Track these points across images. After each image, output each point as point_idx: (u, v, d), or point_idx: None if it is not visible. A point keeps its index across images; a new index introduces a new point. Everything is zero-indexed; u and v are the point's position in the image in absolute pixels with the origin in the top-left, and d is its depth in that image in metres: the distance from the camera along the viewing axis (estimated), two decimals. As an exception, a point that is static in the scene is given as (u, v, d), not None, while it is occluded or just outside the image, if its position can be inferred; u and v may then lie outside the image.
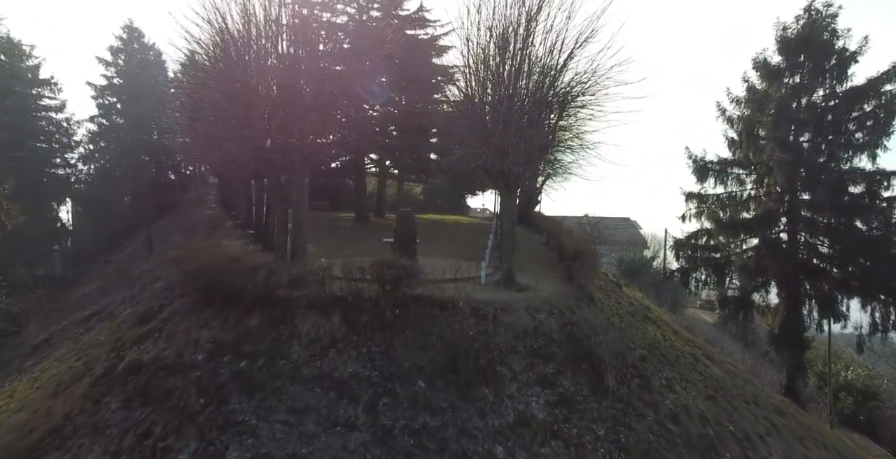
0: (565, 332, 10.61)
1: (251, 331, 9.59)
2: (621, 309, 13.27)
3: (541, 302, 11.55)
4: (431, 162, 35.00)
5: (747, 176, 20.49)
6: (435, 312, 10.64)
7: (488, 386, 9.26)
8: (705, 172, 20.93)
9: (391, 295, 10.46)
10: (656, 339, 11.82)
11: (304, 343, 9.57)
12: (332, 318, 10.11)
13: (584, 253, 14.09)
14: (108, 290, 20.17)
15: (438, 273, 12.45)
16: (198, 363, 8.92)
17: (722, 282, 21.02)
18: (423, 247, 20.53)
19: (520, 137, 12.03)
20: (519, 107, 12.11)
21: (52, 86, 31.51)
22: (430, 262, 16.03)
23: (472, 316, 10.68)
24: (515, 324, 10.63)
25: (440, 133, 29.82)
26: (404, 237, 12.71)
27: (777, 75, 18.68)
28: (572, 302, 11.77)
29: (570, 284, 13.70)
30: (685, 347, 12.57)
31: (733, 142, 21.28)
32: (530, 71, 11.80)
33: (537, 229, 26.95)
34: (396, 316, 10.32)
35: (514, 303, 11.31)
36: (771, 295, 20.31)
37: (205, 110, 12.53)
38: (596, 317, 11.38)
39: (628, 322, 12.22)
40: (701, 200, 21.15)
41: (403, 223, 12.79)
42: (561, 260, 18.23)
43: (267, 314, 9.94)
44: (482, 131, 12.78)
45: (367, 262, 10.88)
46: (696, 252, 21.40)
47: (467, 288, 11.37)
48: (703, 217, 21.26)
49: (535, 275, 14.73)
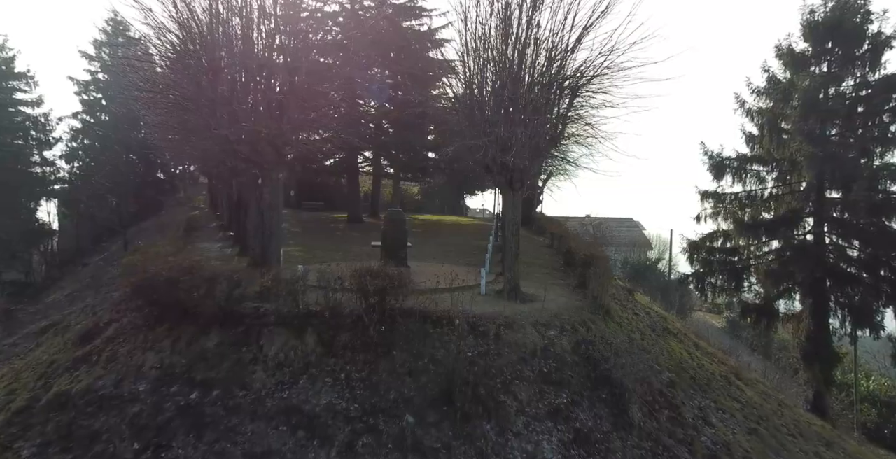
0: (580, 353, 9.07)
1: (207, 354, 8.04)
2: (640, 322, 11.73)
3: (550, 315, 10.01)
4: (429, 160, 33.50)
5: (768, 173, 19.00)
6: (427, 329, 9.10)
7: (490, 421, 7.72)
8: (722, 169, 19.43)
9: (376, 309, 8.91)
10: (683, 359, 10.29)
11: (270, 368, 8.01)
12: (305, 338, 8.56)
13: (597, 258, 12.55)
14: (77, 297, 18.62)
15: (432, 281, 10.93)
16: (138, 394, 7.37)
17: (740, 288, 19.50)
18: (418, 251, 18.99)
19: (525, 127, 10.50)
20: (525, 92, 10.58)
21: (28, 80, 29.89)
22: (424, 268, 14.48)
23: (471, 334, 9.14)
24: (521, 344, 9.09)
25: (438, 128, 28.34)
26: (393, 240, 11.17)
27: (803, 63, 17.18)
28: (586, 315, 10.23)
29: (582, 294, 12.17)
30: (713, 366, 11.04)
31: (752, 137, 19.78)
32: (537, 50, 10.27)
33: (540, 231, 25.46)
34: (381, 335, 8.78)
35: (519, 318, 9.77)
36: (794, 302, 18.82)
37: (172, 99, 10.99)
38: (614, 334, 9.84)
39: (650, 338, 10.69)
40: (718, 199, 19.65)
41: (393, 225, 11.24)
42: (567, 265, 16.70)
43: (227, 333, 8.39)
44: (482, 120, 11.25)
45: (348, 270, 9.34)
46: (713, 255, 19.89)
47: (465, 299, 9.81)
48: (720, 217, 19.76)
49: (542, 284, 13.20)
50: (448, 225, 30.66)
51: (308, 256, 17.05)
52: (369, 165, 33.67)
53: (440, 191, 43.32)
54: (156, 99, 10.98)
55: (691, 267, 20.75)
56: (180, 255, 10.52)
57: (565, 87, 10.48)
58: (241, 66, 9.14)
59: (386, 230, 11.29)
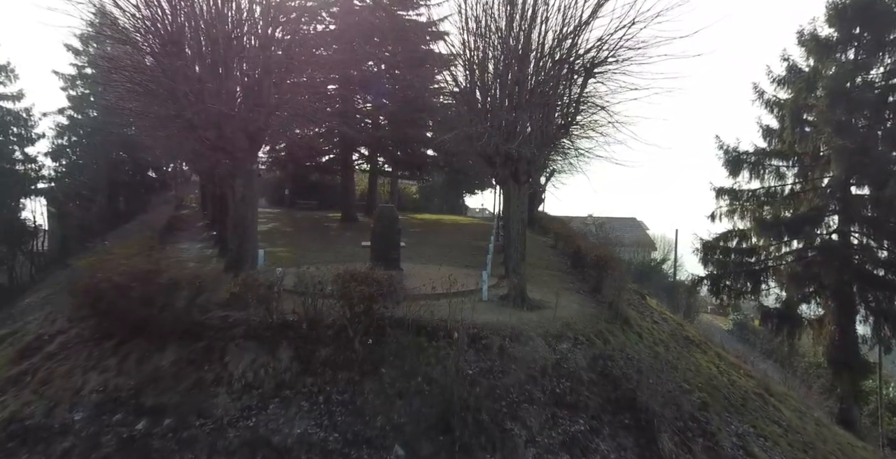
0: (598, 370, 7.86)
1: (160, 374, 6.81)
2: (661, 331, 10.51)
3: (561, 325, 8.80)
4: (427, 157, 32.27)
5: (788, 168, 17.81)
6: (421, 342, 7.89)
7: (494, 454, 6.52)
8: (739, 165, 18.26)
9: (361, 319, 7.69)
10: (712, 374, 9.07)
11: (234, 390, 6.79)
12: (278, 353, 7.34)
13: (610, 260, 11.34)
14: (50, 301, 17.36)
15: (428, 286, 9.72)
16: (72, 425, 6.14)
17: (758, 291, 18.30)
18: (414, 252, 17.78)
19: (533, 112, 9.29)
20: (533, 72, 9.37)
21: (7, 73, 28.62)
22: (420, 271, 13.27)
23: (472, 348, 7.93)
24: (530, 359, 7.88)
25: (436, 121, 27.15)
26: (384, 241, 9.95)
27: (828, 50, 15.98)
28: (602, 325, 9.01)
29: (594, 299, 10.96)
30: (743, 381, 9.82)
31: (769, 130, 18.60)
32: (546, 24, 9.05)
33: (543, 230, 24.26)
34: (368, 349, 7.57)
35: (526, 328, 8.56)
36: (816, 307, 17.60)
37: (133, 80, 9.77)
38: (635, 347, 8.62)
39: (674, 351, 9.47)
40: (734, 196, 18.48)
41: (383, 223, 10.02)
42: (575, 268, 15.51)
43: (186, 348, 7.16)
44: (484, 105, 10.04)
45: (332, 274, 8.12)
46: (728, 256, 18.69)
47: (465, 306, 8.60)
48: (736, 215, 18.58)
49: (549, 288, 11.99)
50: (447, 224, 29.46)
51: (295, 257, 15.83)
52: (365, 162, 32.47)
53: (439, 190, 42.24)
54: (125, 83, 9.75)
55: (704, 269, 19.54)
56: (143, 257, 9.29)
57: (578, 66, 9.26)
58: (206, 40, 7.93)
59: (376, 229, 10.07)
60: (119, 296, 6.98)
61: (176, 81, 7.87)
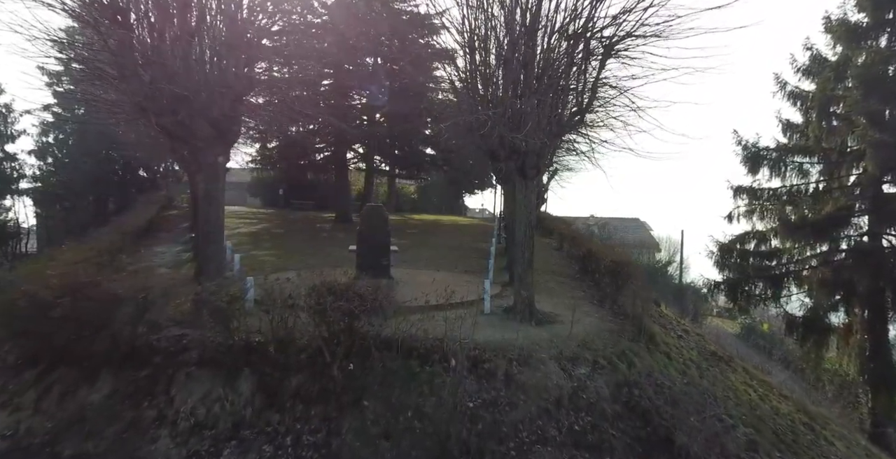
0: (624, 400, 6.59)
1: (88, 413, 5.53)
2: (689, 349, 9.23)
3: (577, 344, 7.52)
4: (425, 156, 31.01)
5: (812, 165, 16.54)
6: (412, 367, 6.63)
7: (501, 513, 5.25)
8: (758, 162, 16.99)
9: (341, 339, 6.42)
10: (753, 402, 7.79)
11: (180, 432, 5.51)
12: (237, 383, 6.06)
13: (627, 266, 10.08)
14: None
15: (423, 296, 8.46)
16: (-35, 483, 4.86)
17: (779, 297, 17.03)
18: (410, 255, 16.50)
19: (543, 97, 8.02)
20: (543, 52, 8.10)
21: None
22: (415, 278, 11.99)
23: (472, 375, 6.66)
24: (542, 388, 6.61)
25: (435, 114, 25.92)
26: (373, 245, 8.67)
27: (858, 36, 14.72)
28: (624, 344, 7.74)
29: (611, 311, 9.69)
30: (788, 409, 8.53)
31: (790, 125, 17.36)
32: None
33: (546, 232, 22.97)
34: (348, 377, 6.31)
35: (536, 348, 7.29)
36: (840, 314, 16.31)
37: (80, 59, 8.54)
38: (665, 371, 7.34)
39: (709, 374, 8.19)
40: (753, 195, 17.22)
41: (371, 224, 8.73)
42: (585, 273, 14.23)
43: (125, 379, 5.88)
44: (486, 89, 8.78)
45: (310, 284, 6.84)
46: (746, 259, 17.42)
47: (464, 321, 7.34)
48: (755, 216, 17.32)
49: (557, 297, 10.73)
50: (446, 225, 28.20)
51: (281, 262, 14.56)
52: (361, 161, 31.21)
53: (438, 190, 41.06)
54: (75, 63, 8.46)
55: (720, 273, 18.28)
56: (91, 264, 8.00)
57: (595, 45, 7.99)
58: (155, 7, 6.66)
59: (363, 231, 8.78)
60: (40, 315, 5.69)
61: (122, 56, 6.60)
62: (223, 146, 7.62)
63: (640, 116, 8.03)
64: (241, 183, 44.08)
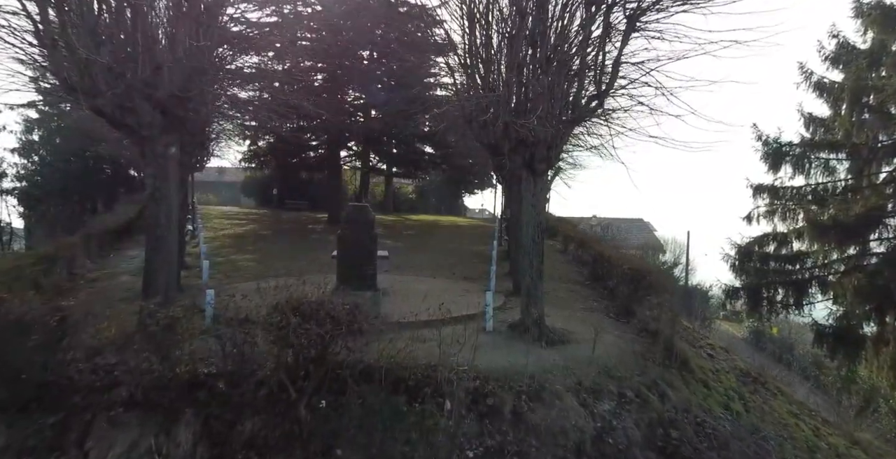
0: (660, 446, 5.32)
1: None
2: (725, 372, 7.95)
3: (598, 372, 6.26)
4: (423, 154, 29.75)
5: (840, 162, 15.32)
6: (398, 405, 5.37)
7: None
8: (780, 158, 15.78)
9: (310, 371, 5.16)
10: (810, 440, 6.53)
11: (94, 498, 4.24)
12: (175, 430, 4.80)
13: (648, 275, 8.82)
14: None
15: (415, 309, 7.24)
16: None
17: (801, 304, 15.79)
18: (404, 260, 15.25)
19: (557, 78, 6.77)
20: (555, 21, 6.86)
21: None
22: (408, 286, 10.73)
23: (472, 413, 5.40)
24: (558, 430, 5.34)
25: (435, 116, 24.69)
26: (355, 251, 7.39)
27: (894, 20, 13.48)
28: (653, 370, 6.48)
29: (632, 327, 8.43)
30: (839, 441, 7.26)
31: (813, 119, 16.14)
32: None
33: (549, 232, 21.68)
34: (319, 418, 5.05)
35: (550, 377, 6.03)
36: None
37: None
38: (706, 404, 6.08)
39: (754, 405, 6.91)
40: (774, 195, 16.00)
41: (354, 228, 7.46)
42: (596, 280, 12.99)
43: (26, 427, 4.60)
44: (488, 70, 7.52)
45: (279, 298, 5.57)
46: (767, 263, 16.20)
47: (463, 340, 6.10)
48: (776, 216, 16.10)
49: (568, 308, 9.47)
50: (444, 226, 26.95)
51: (261, 267, 13.29)
52: (357, 159, 29.95)
53: (436, 190, 39.86)
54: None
55: (736, 277, 17.04)
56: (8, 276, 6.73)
57: (618, 18, 6.74)
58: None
59: (344, 235, 7.50)
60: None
61: (40, 18, 5.34)
62: (174, 135, 6.35)
63: (670, 100, 6.77)
64: (234, 183, 42.85)
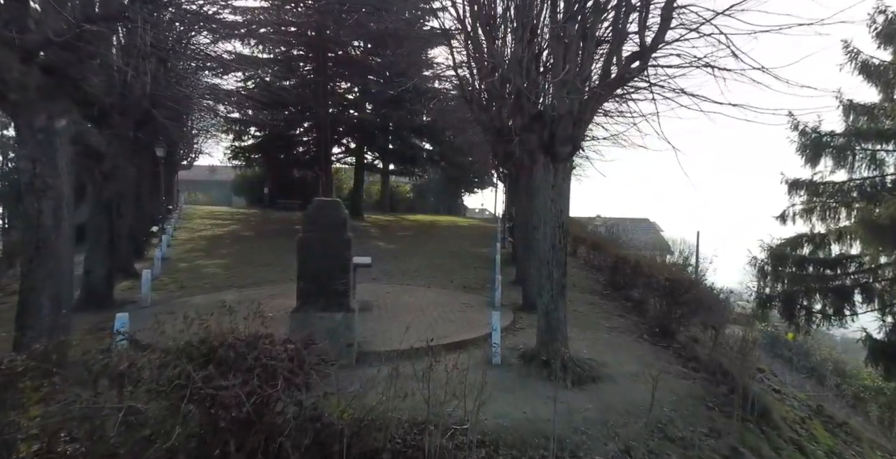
0: None
1: None
2: (808, 418, 6.17)
3: (651, 432, 4.49)
4: (421, 149, 28.03)
5: (889, 154, 13.56)
6: (365, 495, 3.59)
7: None
8: (819, 150, 14.02)
9: (228, 447, 3.38)
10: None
11: None
12: None
13: (692, 287, 7.07)
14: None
15: (400, 332, 5.51)
16: None
17: (842, 313, 14.02)
18: (397, 265, 13.48)
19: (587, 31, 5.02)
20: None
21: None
22: (397, 299, 8.93)
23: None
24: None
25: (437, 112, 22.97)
26: (322, 261, 5.61)
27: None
28: (730, 429, 4.69)
29: (676, 355, 6.68)
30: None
31: (853, 106, 14.38)
32: None
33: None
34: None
35: (585, 440, 4.27)
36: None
37: None
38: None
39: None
40: (813, 191, 14.24)
41: (320, 230, 5.67)
42: (614, 288, 11.26)
43: None
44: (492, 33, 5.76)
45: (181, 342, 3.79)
46: (803, 268, 14.44)
47: (463, 377, 4.30)
48: (814, 216, 14.34)
49: (589, 325, 7.71)
50: (443, 227, 25.19)
51: (228, 275, 11.51)
52: (350, 156, 28.22)
53: (435, 189, 38.15)
54: None
55: (765, 283, 15.26)
56: None
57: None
58: None
59: (307, 241, 5.69)
60: None
61: None
62: (62, 103, 4.59)
63: (739, 57, 5.00)
64: (227, 182, 41.05)
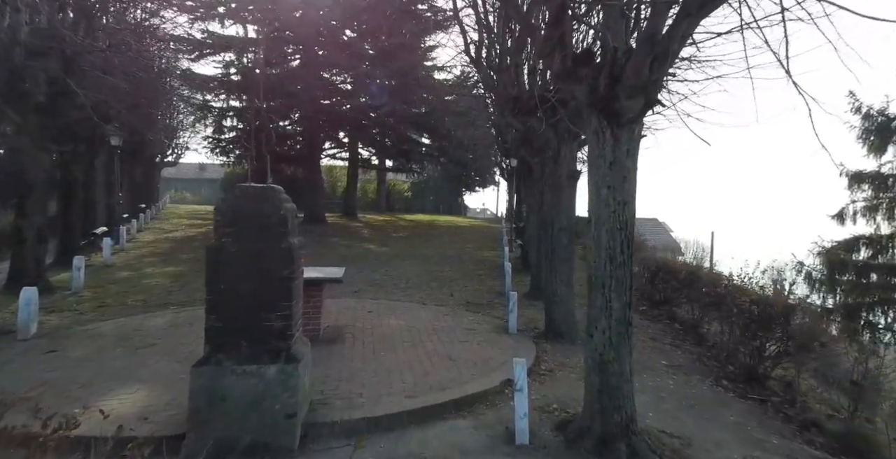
0: None
1: None
2: None
3: None
4: (419, 144, 25.87)
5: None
6: None
7: None
8: (888, 135, 11.87)
9: None
10: None
11: None
12: None
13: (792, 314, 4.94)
14: None
15: (385, 384, 3.36)
16: None
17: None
18: (388, 273, 11.25)
19: None
20: None
21: None
22: (379, 322, 6.51)
23: None
24: None
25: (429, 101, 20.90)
26: (246, 281, 3.46)
27: None
28: None
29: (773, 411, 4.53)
30: None
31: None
32: None
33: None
34: None
35: None
36: None
37: None
38: None
39: None
40: (879, 185, 12.09)
41: (245, 232, 3.52)
42: (653, 303, 9.11)
43: None
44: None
45: None
46: (866, 276, 12.31)
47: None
48: (880, 214, 12.22)
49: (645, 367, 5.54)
50: (442, 227, 23.02)
51: (177, 289, 9.23)
52: (342, 151, 26.10)
53: (434, 187, 35.99)
54: None
55: (813, 291, 13.12)
56: None
57: None
58: None
59: (221, 251, 3.49)
60: None
61: None
62: None
63: None
64: (217, 180, 39.00)
